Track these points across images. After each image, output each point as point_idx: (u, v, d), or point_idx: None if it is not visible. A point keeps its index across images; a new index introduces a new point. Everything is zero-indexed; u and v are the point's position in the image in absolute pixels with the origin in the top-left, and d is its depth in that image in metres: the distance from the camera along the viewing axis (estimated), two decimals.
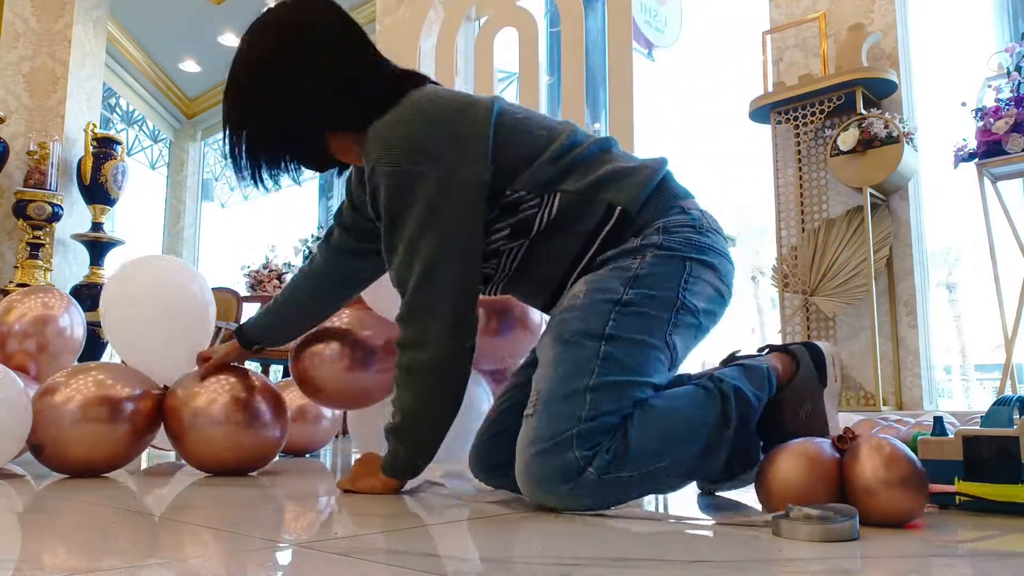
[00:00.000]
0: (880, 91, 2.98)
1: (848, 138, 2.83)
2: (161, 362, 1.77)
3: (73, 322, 2.14)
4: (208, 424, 1.59)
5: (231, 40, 6.39)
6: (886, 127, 2.81)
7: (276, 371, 4.67)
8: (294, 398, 2.35)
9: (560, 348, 1.12)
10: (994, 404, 1.10)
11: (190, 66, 6.85)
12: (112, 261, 5.35)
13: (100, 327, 1.91)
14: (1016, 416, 1.07)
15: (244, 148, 1.25)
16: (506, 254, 1.23)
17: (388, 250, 1.21)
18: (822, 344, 1.26)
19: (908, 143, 2.84)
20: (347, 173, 1.45)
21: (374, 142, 1.16)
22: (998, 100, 2.67)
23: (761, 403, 1.17)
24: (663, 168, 1.25)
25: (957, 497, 1.05)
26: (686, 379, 1.20)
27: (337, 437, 3.87)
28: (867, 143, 2.81)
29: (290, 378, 1.79)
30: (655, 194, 1.21)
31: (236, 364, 1.71)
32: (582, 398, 1.06)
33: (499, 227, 1.20)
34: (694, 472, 1.13)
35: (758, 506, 1.10)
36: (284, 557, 0.81)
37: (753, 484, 1.06)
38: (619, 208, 1.18)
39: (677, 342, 1.15)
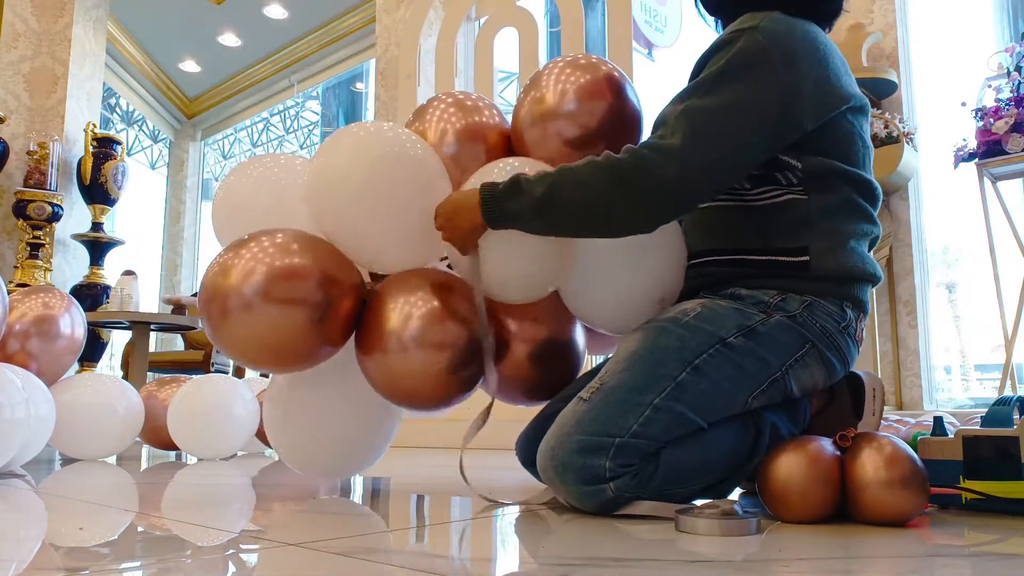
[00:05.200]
0: (880, 91, 2.98)
1: None
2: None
3: (74, 322, 2.14)
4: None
5: (231, 40, 6.38)
6: (886, 127, 2.81)
7: None
8: None
9: (645, 352, 1.09)
10: (994, 404, 1.10)
11: (190, 66, 6.85)
12: (112, 261, 5.35)
13: (100, 327, 1.88)
14: (1016, 416, 1.07)
15: None
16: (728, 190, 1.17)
17: (696, 88, 1.08)
18: (863, 374, 1.22)
19: (908, 143, 2.84)
20: None
21: (764, 21, 1.09)
22: (998, 100, 2.67)
23: (793, 435, 1.15)
24: (875, 272, 1.17)
25: (963, 496, 1.05)
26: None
27: None
28: None
29: None
30: (844, 276, 1.13)
31: None
32: (640, 411, 1.03)
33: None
34: (704, 494, 1.12)
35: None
36: (284, 557, 0.81)
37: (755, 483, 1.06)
38: (807, 258, 1.12)
39: (754, 407, 1.11)
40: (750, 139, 1.06)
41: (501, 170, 1.20)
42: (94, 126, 5.35)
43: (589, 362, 2.78)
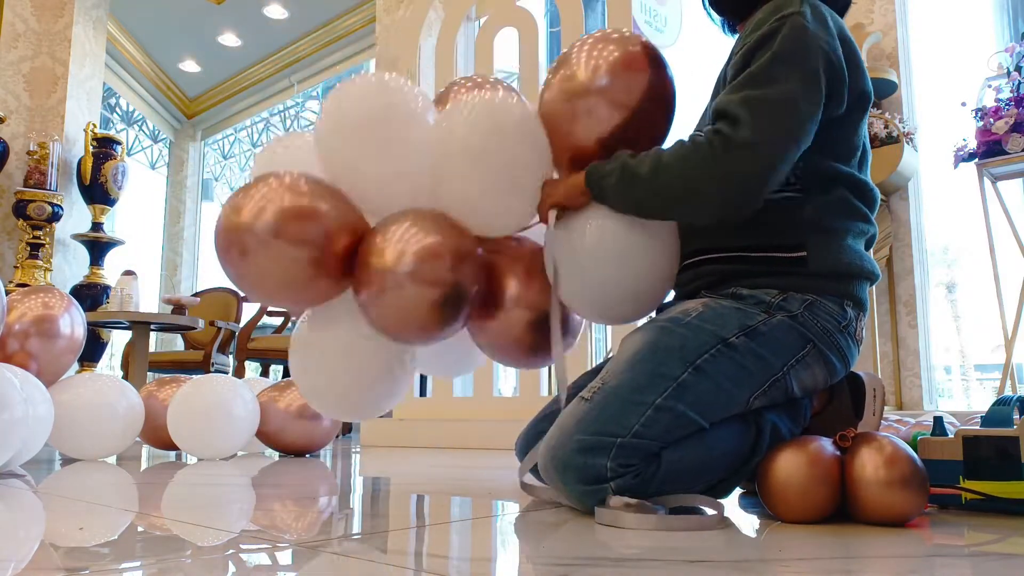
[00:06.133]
0: (880, 91, 2.98)
1: None
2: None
3: (73, 322, 2.14)
4: None
5: (231, 40, 6.39)
6: (886, 127, 2.81)
7: (276, 371, 4.66)
8: (294, 398, 2.35)
9: (646, 352, 1.09)
10: (994, 404, 1.10)
11: (190, 66, 6.85)
12: (112, 261, 5.35)
13: (100, 327, 1.87)
14: (1016, 416, 1.07)
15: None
16: None
17: (754, 78, 1.08)
18: (864, 375, 1.23)
19: (908, 143, 2.84)
20: None
21: (804, 6, 1.10)
22: (998, 100, 2.67)
23: (794, 435, 1.15)
24: (873, 269, 1.18)
25: (963, 496, 1.05)
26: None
27: (337, 437, 3.87)
28: None
29: (290, 378, 1.78)
30: (842, 272, 1.14)
31: None
32: (642, 411, 1.03)
33: None
34: (707, 494, 1.12)
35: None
36: (284, 557, 0.81)
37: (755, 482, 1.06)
38: (804, 253, 1.13)
39: (755, 407, 1.11)
40: (809, 124, 1.07)
41: None
42: (94, 126, 5.35)
43: (590, 361, 2.78)
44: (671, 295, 1.29)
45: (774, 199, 1.14)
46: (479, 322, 1.30)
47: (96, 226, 5.27)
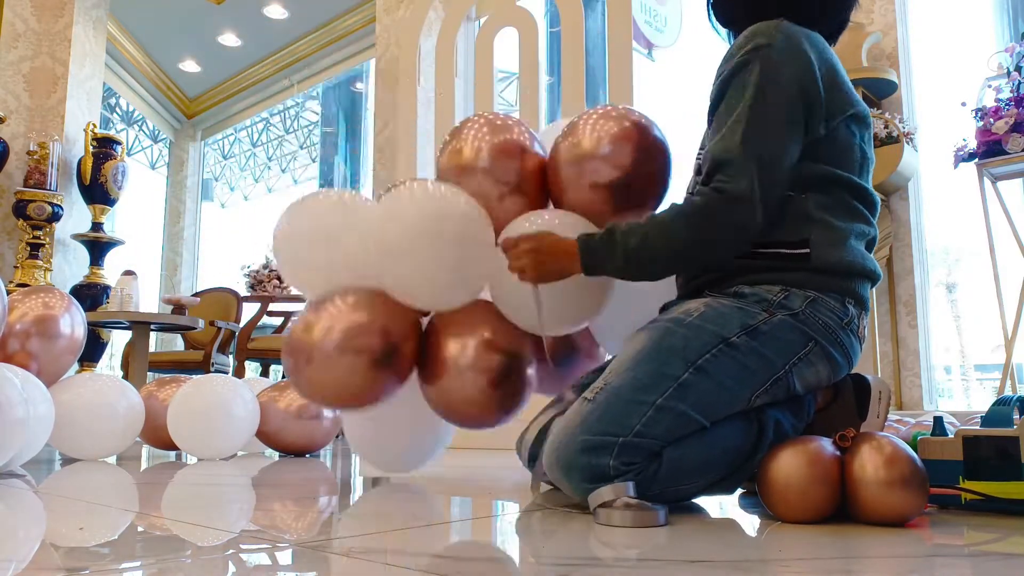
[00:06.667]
0: (880, 91, 2.98)
1: None
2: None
3: (74, 322, 2.14)
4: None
5: (231, 40, 6.39)
6: (886, 127, 2.81)
7: (276, 371, 4.66)
8: (294, 398, 2.35)
9: (649, 352, 1.10)
10: (994, 404, 1.10)
11: (190, 66, 6.85)
12: (112, 261, 5.35)
13: (100, 327, 1.86)
14: (1016, 416, 1.07)
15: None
16: None
17: (732, 122, 1.13)
18: (870, 377, 1.23)
19: (908, 143, 2.84)
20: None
21: (776, 38, 1.13)
22: (998, 100, 2.67)
23: (798, 431, 1.16)
24: (875, 269, 1.19)
25: (963, 496, 1.05)
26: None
27: (337, 437, 3.87)
28: None
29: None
30: (844, 270, 1.14)
31: None
32: (643, 411, 1.04)
33: None
34: (709, 491, 1.13)
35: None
36: (284, 557, 0.81)
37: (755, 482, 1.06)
38: (807, 250, 1.14)
39: (757, 405, 1.12)
40: (793, 153, 1.12)
41: (532, 223, 1.29)
42: (94, 126, 5.35)
43: None
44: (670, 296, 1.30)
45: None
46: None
47: (96, 226, 5.27)
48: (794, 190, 1.14)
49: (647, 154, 1.30)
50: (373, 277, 1.34)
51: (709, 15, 1.34)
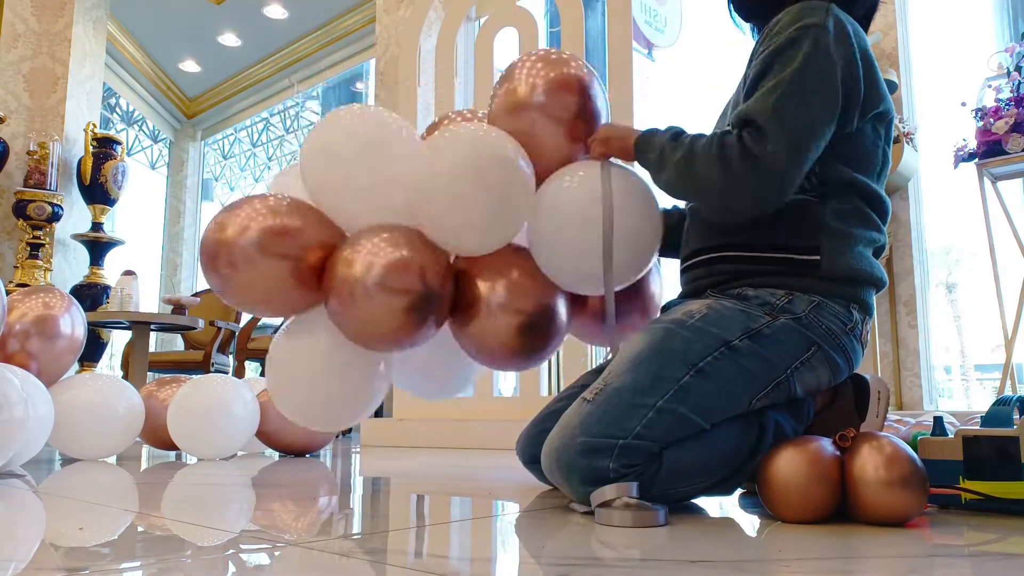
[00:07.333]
0: None
1: None
2: None
3: (74, 322, 2.14)
4: None
5: (231, 40, 6.39)
6: None
7: None
8: None
9: (649, 353, 1.09)
10: (994, 404, 1.10)
11: (190, 66, 6.85)
12: (112, 261, 5.35)
13: (100, 327, 1.86)
14: (1016, 416, 1.07)
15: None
16: None
17: (775, 88, 1.10)
18: (869, 377, 1.23)
19: (908, 143, 2.84)
20: None
21: (828, 19, 1.11)
22: (998, 100, 2.67)
23: (798, 434, 1.16)
24: (882, 277, 1.19)
25: (963, 496, 1.05)
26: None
27: (337, 437, 3.88)
28: None
29: None
30: (852, 277, 1.14)
31: None
32: (643, 412, 1.04)
33: None
34: (708, 492, 1.13)
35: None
36: (284, 557, 0.81)
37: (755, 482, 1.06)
38: (818, 257, 1.14)
39: (757, 408, 1.12)
40: (822, 143, 1.10)
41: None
42: (94, 126, 5.35)
43: (591, 361, 2.78)
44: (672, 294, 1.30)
45: (792, 201, 1.14)
46: (460, 328, 1.33)
47: (96, 226, 5.27)
48: (813, 195, 1.14)
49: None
50: (410, 213, 1.32)
51: (729, 9, 1.33)
